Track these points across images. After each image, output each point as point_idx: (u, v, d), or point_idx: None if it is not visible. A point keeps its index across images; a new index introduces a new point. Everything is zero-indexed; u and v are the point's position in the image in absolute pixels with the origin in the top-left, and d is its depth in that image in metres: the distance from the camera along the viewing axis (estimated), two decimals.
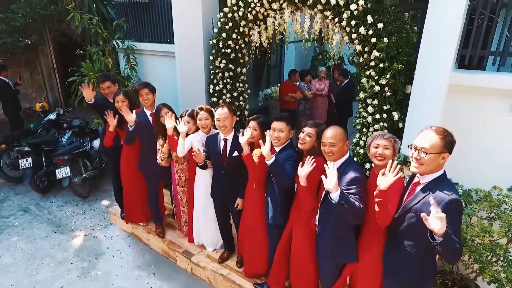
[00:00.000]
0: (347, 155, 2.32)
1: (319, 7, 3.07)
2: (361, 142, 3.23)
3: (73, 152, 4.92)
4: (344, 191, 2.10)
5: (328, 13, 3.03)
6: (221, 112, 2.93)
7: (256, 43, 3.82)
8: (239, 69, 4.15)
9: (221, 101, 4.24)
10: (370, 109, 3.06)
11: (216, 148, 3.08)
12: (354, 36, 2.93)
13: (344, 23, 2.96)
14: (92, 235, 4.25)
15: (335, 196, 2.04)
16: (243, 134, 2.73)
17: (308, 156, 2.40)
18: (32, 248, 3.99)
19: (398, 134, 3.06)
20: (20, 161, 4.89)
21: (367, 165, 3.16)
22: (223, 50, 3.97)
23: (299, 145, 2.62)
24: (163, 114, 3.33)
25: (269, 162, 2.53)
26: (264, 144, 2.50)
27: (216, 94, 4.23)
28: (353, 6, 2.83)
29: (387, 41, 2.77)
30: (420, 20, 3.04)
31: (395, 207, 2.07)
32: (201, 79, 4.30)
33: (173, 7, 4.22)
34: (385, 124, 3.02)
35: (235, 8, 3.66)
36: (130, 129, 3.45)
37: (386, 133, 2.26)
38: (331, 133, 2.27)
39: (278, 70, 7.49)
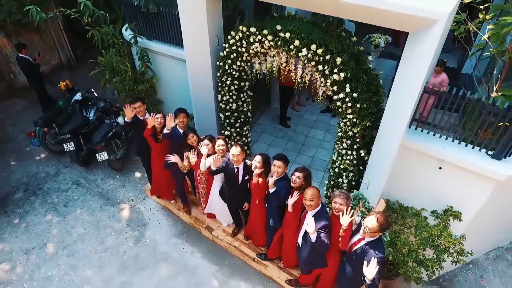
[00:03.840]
0: (320, 205, 3.44)
1: (310, 65, 3.70)
2: (337, 163, 4.28)
3: (107, 137, 5.94)
4: (318, 231, 3.31)
5: (316, 73, 3.69)
6: (235, 151, 3.92)
7: (257, 70, 4.45)
8: (243, 83, 4.84)
9: (228, 107, 5.05)
10: (344, 145, 4.02)
11: (231, 171, 4.16)
12: (335, 97, 3.67)
13: (328, 84, 3.66)
14: (135, 207, 5.66)
15: (313, 237, 3.28)
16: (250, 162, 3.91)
17: (296, 191, 3.56)
18: (94, 220, 5.45)
19: (364, 164, 4.12)
20: (64, 145, 5.98)
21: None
22: (228, 71, 4.60)
23: (291, 184, 3.72)
24: (190, 138, 4.34)
25: (271, 190, 3.74)
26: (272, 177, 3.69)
27: (223, 102, 5.02)
28: (335, 76, 3.51)
29: (360, 106, 3.56)
30: None
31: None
32: (210, 88, 5.00)
33: (182, 23, 4.62)
34: (355, 156, 4.03)
35: (238, 43, 4.18)
36: (166, 132, 4.44)
37: (342, 193, 3.31)
38: (311, 192, 3.34)
39: None
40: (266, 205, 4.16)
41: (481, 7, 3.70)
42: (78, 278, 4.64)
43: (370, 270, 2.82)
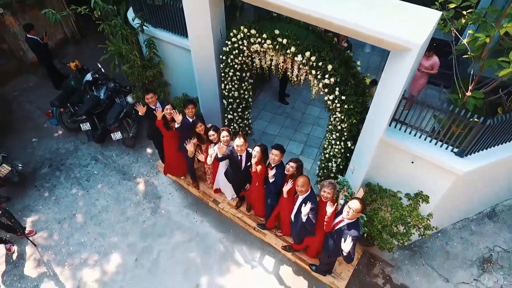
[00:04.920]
0: (309, 191, 4.10)
1: (305, 68, 4.12)
2: (327, 150, 4.87)
3: (120, 118, 6.47)
4: (308, 212, 4.02)
5: (310, 76, 4.12)
6: (239, 141, 4.51)
7: (257, 65, 4.84)
8: (244, 74, 5.25)
9: (230, 94, 5.50)
10: (334, 136, 4.58)
11: (235, 159, 4.77)
12: (326, 97, 4.15)
13: (320, 86, 4.11)
14: (149, 181, 6.38)
15: (304, 218, 4.00)
16: (252, 150, 4.50)
17: (290, 180, 4.23)
18: (115, 193, 6.19)
19: (351, 152, 4.71)
20: (81, 125, 6.54)
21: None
22: (231, 64, 4.99)
23: (285, 172, 4.35)
24: (198, 127, 4.89)
25: (271, 180, 4.39)
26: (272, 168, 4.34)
27: (226, 90, 5.46)
28: (326, 80, 3.95)
29: (347, 107, 4.05)
30: None
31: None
32: (213, 78, 5.41)
33: (186, 17, 4.89)
34: (343, 146, 4.61)
35: (240, 42, 4.53)
36: (177, 126, 5.01)
37: (330, 183, 3.95)
38: (302, 180, 3.99)
39: None
40: (265, 187, 4.84)
41: (464, 12, 4.00)
42: (106, 244, 5.50)
43: (346, 245, 3.57)
